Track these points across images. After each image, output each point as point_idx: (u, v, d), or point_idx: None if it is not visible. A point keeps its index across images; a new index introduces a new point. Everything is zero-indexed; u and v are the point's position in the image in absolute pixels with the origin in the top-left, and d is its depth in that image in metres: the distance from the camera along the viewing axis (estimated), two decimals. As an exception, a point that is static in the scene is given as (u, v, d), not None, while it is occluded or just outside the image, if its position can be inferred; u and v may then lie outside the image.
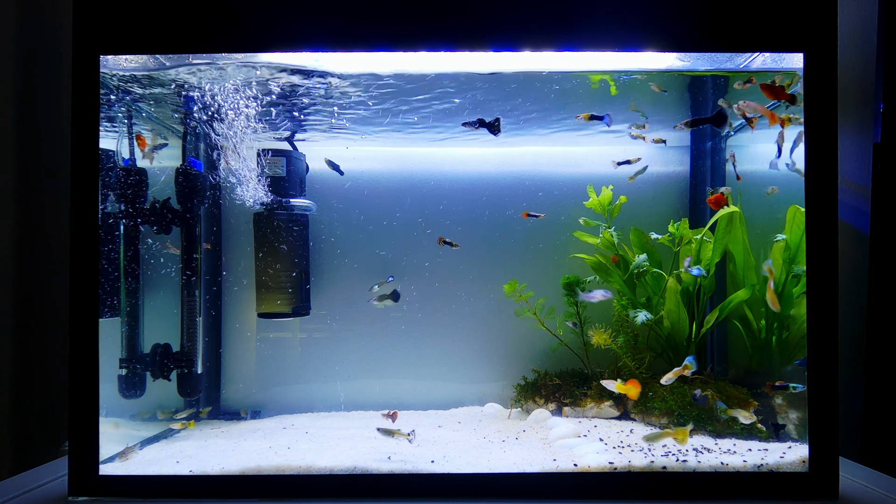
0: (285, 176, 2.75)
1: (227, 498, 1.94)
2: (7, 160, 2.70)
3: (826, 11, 1.94)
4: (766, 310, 2.61)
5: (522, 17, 1.98)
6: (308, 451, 2.21)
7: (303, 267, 2.82)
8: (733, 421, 2.33)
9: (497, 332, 3.00)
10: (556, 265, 2.96)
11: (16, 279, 2.73)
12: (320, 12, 1.98)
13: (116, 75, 2.27)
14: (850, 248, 2.76)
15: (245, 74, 2.31)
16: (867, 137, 2.74)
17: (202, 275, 2.75)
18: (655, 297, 2.76)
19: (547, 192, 2.98)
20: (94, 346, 1.95)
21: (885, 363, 2.60)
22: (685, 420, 2.42)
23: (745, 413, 2.29)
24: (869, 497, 1.94)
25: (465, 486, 1.97)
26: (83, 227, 1.95)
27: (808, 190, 1.94)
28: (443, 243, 2.68)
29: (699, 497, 1.93)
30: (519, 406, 2.82)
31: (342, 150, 2.99)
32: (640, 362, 2.69)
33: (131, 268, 2.50)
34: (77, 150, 1.94)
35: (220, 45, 2.05)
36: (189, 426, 2.53)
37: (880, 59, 2.66)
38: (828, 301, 1.92)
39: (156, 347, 2.56)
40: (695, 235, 2.72)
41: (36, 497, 1.96)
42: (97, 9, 1.95)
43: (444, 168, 3.02)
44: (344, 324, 3.00)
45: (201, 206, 2.66)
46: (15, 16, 2.71)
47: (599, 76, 2.37)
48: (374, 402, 2.95)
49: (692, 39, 2.03)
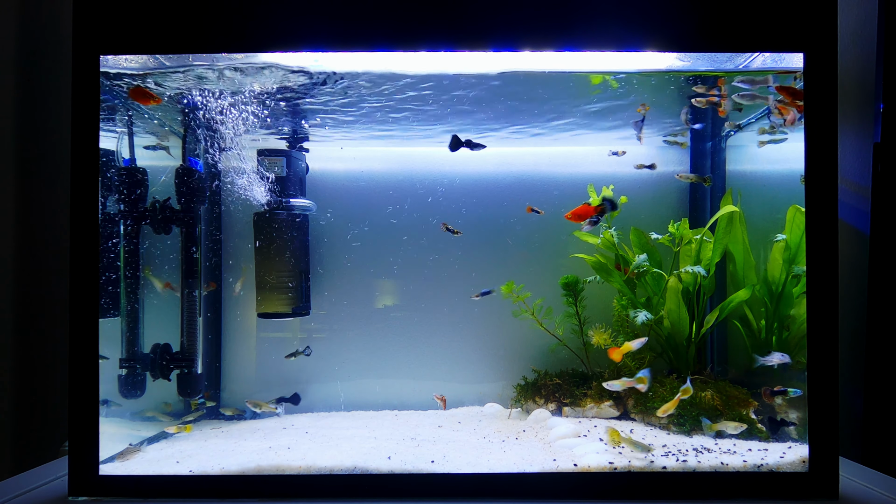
0: (285, 176, 2.76)
1: (227, 498, 1.94)
2: (7, 160, 2.70)
3: (826, 11, 1.94)
4: (765, 310, 2.61)
5: (522, 17, 1.98)
6: (308, 451, 2.21)
7: (303, 267, 2.82)
8: (719, 434, 2.32)
9: (497, 332, 3.00)
10: (556, 265, 2.96)
11: (16, 279, 2.73)
12: (320, 12, 1.98)
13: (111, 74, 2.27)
14: (850, 248, 2.76)
15: (245, 74, 2.31)
16: (867, 137, 2.74)
17: (202, 275, 2.75)
18: (655, 297, 2.76)
19: (547, 192, 2.98)
20: (94, 346, 1.95)
21: (885, 363, 2.60)
22: (685, 420, 2.42)
23: (734, 424, 2.27)
24: (869, 497, 1.94)
25: (465, 486, 1.97)
26: (83, 227, 1.94)
27: (808, 190, 1.94)
28: (445, 229, 2.67)
29: (699, 497, 1.93)
30: (519, 406, 2.82)
31: (337, 151, 2.99)
32: (641, 362, 2.69)
33: (131, 268, 2.50)
34: (77, 150, 1.94)
35: (220, 45, 2.05)
36: (186, 430, 2.53)
37: (880, 59, 2.66)
38: (828, 301, 1.92)
39: (156, 347, 2.56)
40: (695, 235, 2.72)
41: (36, 497, 1.95)
42: (97, 9, 1.95)
43: (444, 168, 3.02)
44: (344, 324, 3.00)
45: (201, 205, 2.66)
46: (15, 16, 2.71)
47: (600, 77, 2.38)
48: (374, 402, 2.95)
49: (692, 39, 2.03)
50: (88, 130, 1.95)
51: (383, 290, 3.03)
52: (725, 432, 2.30)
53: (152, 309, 2.64)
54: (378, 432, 2.49)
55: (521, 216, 2.96)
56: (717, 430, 2.30)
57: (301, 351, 2.81)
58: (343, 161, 3.02)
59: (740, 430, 2.27)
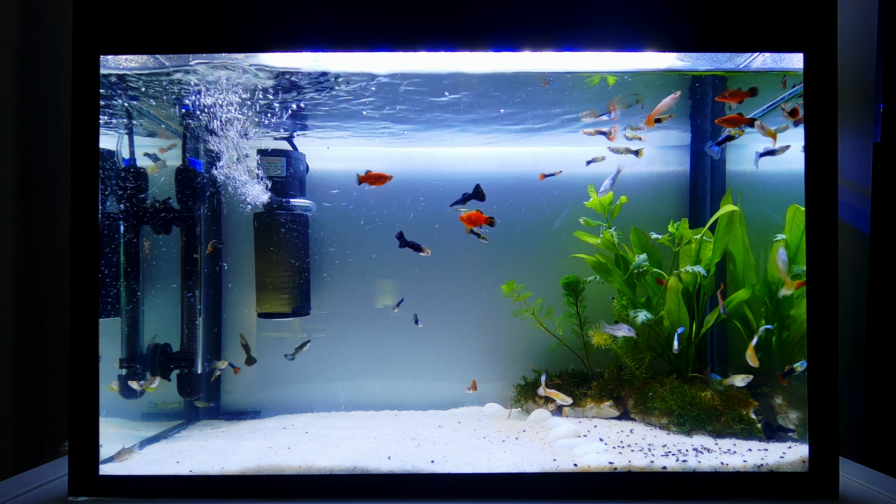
0: (285, 176, 2.76)
1: (227, 498, 1.95)
2: (7, 160, 2.70)
3: (826, 11, 1.94)
4: (765, 310, 2.61)
5: (522, 17, 1.98)
6: (308, 451, 2.21)
7: (303, 267, 2.82)
8: (730, 388, 2.39)
9: (497, 332, 3.00)
10: (556, 265, 2.96)
11: (16, 279, 2.73)
12: (320, 13, 1.98)
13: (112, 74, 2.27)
14: (850, 248, 2.76)
15: (245, 74, 2.31)
16: (867, 137, 2.75)
17: (202, 274, 2.75)
18: (655, 297, 2.76)
19: (547, 192, 2.98)
20: (94, 346, 1.95)
21: (885, 363, 2.60)
22: (685, 420, 2.42)
23: (741, 377, 2.34)
24: (869, 497, 1.94)
25: (465, 486, 1.97)
26: (83, 228, 1.95)
27: (808, 190, 1.94)
28: (470, 232, 2.65)
29: (699, 497, 1.93)
30: (519, 406, 2.82)
31: (324, 150, 3.00)
32: (640, 362, 2.69)
33: (131, 268, 2.50)
34: (77, 150, 1.94)
35: (220, 45, 2.05)
36: (148, 389, 2.48)
37: (880, 59, 2.66)
38: (828, 301, 1.92)
39: (155, 347, 2.56)
40: (695, 235, 2.72)
41: (36, 497, 1.96)
42: (97, 9, 1.95)
43: (443, 168, 3.02)
44: (344, 324, 3.00)
45: (201, 205, 2.66)
46: (15, 16, 2.71)
47: (599, 77, 2.38)
48: (374, 402, 2.95)
49: (692, 39, 2.03)
50: (88, 130, 1.95)
51: (383, 289, 3.03)
52: (734, 385, 2.38)
53: (152, 309, 2.65)
54: (378, 432, 2.49)
55: (521, 216, 2.96)
56: (728, 384, 2.39)
57: (299, 348, 2.81)
58: (343, 161, 3.02)
59: (748, 381, 2.34)
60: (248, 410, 2.96)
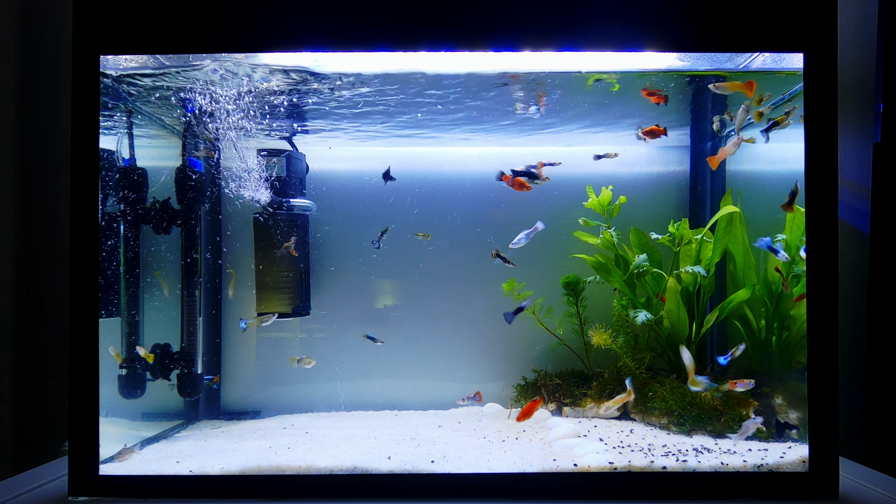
0: (285, 176, 2.75)
1: (227, 498, 1.94)
2: (7, 160, 2.70)
3: (826, 11, 1.94)
4: (765, 310, 2.61)
5: (522, 17, 1.98)
6: (308, 451, 2.21)
7: (303, 267, 2.82)
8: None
9: (497, 331, 3.00)
10: (556, 265, 2.96)
11: (16, 279, 2.73)
12: (320, 12, 1.98)
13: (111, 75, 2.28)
14: (850, 248, 2.76)
15: (245, 73, 2.31)
16: (867, 137, 2.75)
17: (202, 274, 2.75)
18: (655, 297, 2.76)
19: (547, 192, 2.98)
20: (94, 346, 1.95)
21: (885, 363, 2.60)
22: (685, 420, 2.42)
23: (745, 380, 2.30)
24: (869, 497, 1.94)
25: (465, 486, 1.97)
26: (83, 227, 1.94)
27: (808, 190, 1.94)
28: (496, 256, 2.64)
29: (699, 497, 1.93)
30: (519, 406, 2.82)
31: (338, 151, 2.99)
32: (640, 362, 2.69)
33: (131, 268, 2.50)
34: (77, 150, 1.94)
35: (220, 45, 2.05)
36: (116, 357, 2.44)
37: (880, 59, 2.66)
38: (828, 301, 1.92)
39: (155, 347, 2.56)
40: (695, 235, 2.72)
41: (36, 497, 1.95)
42: (97, 9, 1.95)
43: (443, 168, 3.02)
44: (344, 324, 3.00)
45: (201, 206, 2.66)
46: (15, 16, 2.71)
47: (597, 76, 2.37)
48: (374, 402, 2.95)
49: (692, 39, 2.03)
50: (88, 130, 1.95)
51: (383, 289, 3.03)
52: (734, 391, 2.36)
53: (152, 309, 2.64)
54: (378, 432, 2.49)
55: (521, 216, 2.96)
56: (724, 390, 2.38)
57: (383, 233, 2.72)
58: (344, 161, 3.02)
59: (750, 387, 2.29)
60: (248, 410, 2.96)
